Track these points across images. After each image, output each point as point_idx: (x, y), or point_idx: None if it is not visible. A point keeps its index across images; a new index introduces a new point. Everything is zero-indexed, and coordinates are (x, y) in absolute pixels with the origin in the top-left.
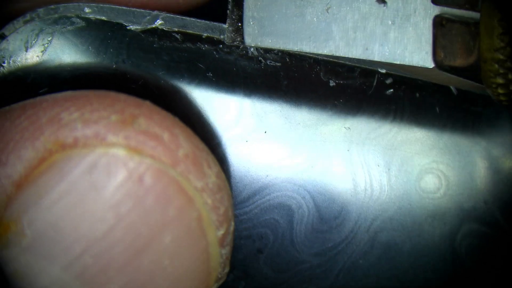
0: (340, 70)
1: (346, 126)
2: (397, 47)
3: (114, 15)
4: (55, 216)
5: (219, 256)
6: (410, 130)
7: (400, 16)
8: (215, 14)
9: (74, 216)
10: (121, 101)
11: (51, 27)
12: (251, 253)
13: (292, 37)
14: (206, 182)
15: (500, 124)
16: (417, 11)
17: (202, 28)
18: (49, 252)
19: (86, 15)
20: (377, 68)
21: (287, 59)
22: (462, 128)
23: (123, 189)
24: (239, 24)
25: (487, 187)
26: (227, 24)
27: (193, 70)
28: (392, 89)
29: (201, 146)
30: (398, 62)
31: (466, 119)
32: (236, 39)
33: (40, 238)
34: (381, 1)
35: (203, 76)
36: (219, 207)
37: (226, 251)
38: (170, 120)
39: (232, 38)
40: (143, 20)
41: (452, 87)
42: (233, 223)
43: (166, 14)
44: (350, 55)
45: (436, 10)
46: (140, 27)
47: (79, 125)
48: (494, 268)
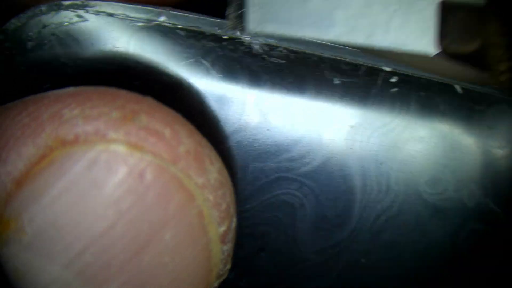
0: (345, 68)
1: (350, 124)
2: (401, 34)
3: (117, 11)
4: (56, 214)
5: (220, 253)
6: (414, 129)
7: (404, 2)
8: (218, 11)
9: (74, 213)
10: (122, 97)
11: (54, 23)
12: (252, 251)
13: (295, 23)
14: (208, 179)
15: (504, 123)
16: None
17: (206, 25)
18: (49, 250)
19: (89, 11)
20: (382, 66)
21: (292, 57)
22: (466, 126)
23: (124, 185)
24: (241, 11)
25: (491, 187)
26: (228, 10)
27: (197, 66)
28: (396, 88)
29: (203, 142)
30: (402, 49)
31: (470, 118)
32: (238, 26)
33: (41, 235)
34: None
35: (207, 73)
36: (221, 204)
37: (228, 248)
38: (171, 117)
39: (234, 25)
40: (147, 16)
41: (456, 86)
42: (235, 219)
43: (170, 11)
44: (352, 42)
45: None
46: (143, 24)
47: (80, 122)
48: (498, 267)
